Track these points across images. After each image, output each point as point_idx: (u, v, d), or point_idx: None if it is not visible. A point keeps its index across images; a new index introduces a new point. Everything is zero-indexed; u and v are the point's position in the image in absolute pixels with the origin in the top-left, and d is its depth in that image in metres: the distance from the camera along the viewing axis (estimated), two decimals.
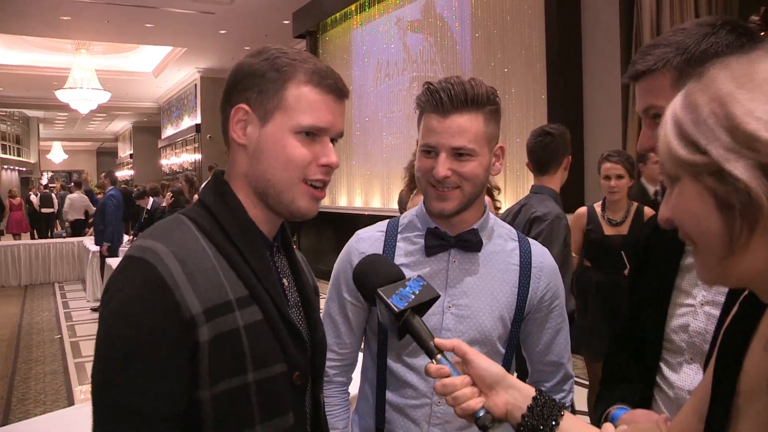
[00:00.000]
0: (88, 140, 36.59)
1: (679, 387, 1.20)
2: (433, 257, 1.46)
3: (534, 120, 6.54)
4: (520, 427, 0.96)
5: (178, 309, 0.95)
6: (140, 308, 0.94)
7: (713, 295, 1.16)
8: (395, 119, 9.41)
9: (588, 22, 6.07)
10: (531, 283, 1.47)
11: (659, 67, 1.12)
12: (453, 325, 1.44)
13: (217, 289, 0.99)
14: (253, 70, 1.07)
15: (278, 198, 1.08)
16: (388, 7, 9.50)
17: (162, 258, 0.97)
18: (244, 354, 0.99)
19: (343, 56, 10.76)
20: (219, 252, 1.03)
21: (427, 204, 1.44)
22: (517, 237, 1.54)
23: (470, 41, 7.73)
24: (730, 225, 0.66)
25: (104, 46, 16.26)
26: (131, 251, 1.00)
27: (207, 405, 0.98)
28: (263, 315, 1.03)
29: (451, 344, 1.02)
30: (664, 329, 1.23)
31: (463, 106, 1.35)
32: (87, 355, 6.45)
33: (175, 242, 1.00)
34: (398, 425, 1.47)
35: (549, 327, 1.52)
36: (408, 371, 1.46)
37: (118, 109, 24.25)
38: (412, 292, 1.07)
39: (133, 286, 0.96)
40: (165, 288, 0.95)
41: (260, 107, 1.07)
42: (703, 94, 0.68)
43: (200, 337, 0.96)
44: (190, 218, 1.06)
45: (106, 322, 0.97)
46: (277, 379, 1.04)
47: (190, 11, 12.23)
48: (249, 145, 1.08)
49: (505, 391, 0.98)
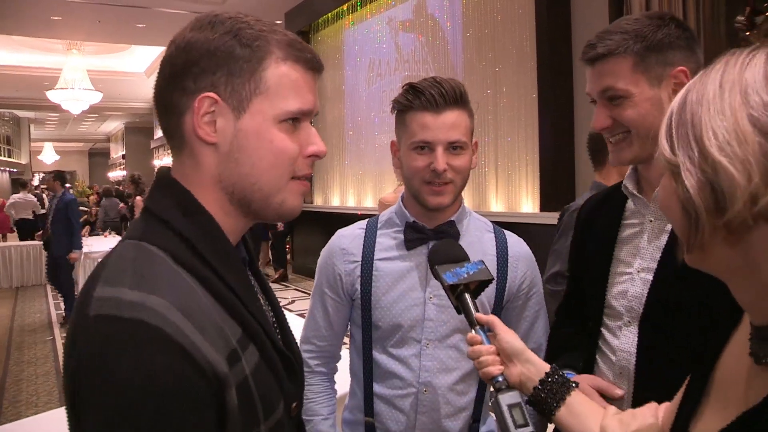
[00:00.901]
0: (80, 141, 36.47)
1: (620, 349, 1.28)
2: (413, 251, 1.51)
3: (524, 119, 6.57)
4: (531, 398, 1.06)
5: (204, 373, 0.75)
6: (161, 386, 0.72)
7: (648, 262, 1.26)
8: (387, 119, 9.40)
9: (578, 22, 6.10)
10: (509, 272, 1.52)
11: (621, 51, 1.22)
12: (435, 315, 1.48)
13: (223, 337, 0.81)
14: (215, 48, 0.86)
15: (266, 202, 0.91)
16: (379, 7, 9.52)
17: (165, 315, 0.75)
18: (255, 405, 0.84)
19: (335, 56, 10.77)
20: (203, 287, 0.83)
21: (422, 200, 1.47)
22: (493, 228, 1.59)
23: (461, 41, 7.75)
24: (688, 226, 0.68)
25: (96, 47, 16.21)
26: (111, 310, 0.75)
27: None
28: (260, 353, 0.87)
29: (487, 319, 1.14)
30: (605, 297, 1.32)
31: (453, 102, 1.42)
32: None
33: (168, 289, 0.78)
34: (386, 416, 1.51)
35: (527, 315, 1.57)
36: (393, 361, 1.50)
37: (110, 109, 24.19)
38: (467, 272, 1.20)
39: (141, 361, 0.72)
40: (183, 353, 0.74)
41: (233, 95, 0.87)
42: (694, 93, 0.69)
43: (229, 401, 0.78)
44: (161, 248, 0.83)
45: (106, 414, 0.72)
46: (281, 421, 0.90)
47: (183, 11, 12.21)
48: (221, 143, 0.88)
49: (522, 364, 1.09)
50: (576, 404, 1.03)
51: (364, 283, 1.50)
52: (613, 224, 1.36)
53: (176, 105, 0.88)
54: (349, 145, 10.31)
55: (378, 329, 1.50)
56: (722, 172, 0.62)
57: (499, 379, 1.07)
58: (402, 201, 1.55)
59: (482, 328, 1.14)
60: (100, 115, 26.47)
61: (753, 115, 0.62)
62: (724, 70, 0.67)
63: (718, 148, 0.63)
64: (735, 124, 0.63)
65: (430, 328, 1.48)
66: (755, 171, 0.61)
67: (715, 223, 0.64)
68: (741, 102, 0.63)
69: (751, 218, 0.62)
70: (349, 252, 1.54)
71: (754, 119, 0.62)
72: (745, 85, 0.64)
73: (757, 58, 0.66)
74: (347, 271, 1.54)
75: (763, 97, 0.62)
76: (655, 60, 1.22)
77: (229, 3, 11.71)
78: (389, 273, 1.50)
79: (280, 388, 0.91)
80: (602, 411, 1.02)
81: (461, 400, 1.51)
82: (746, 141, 0.62)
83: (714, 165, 0.63)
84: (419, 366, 1.48)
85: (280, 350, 0.93)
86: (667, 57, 1.22)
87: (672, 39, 1.22)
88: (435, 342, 1.48)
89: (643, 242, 1.29)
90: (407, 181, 1.48)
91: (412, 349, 1.48)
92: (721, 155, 0.63)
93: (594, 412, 1.02)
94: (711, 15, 4.87)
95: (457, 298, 1.19)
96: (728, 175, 0.62)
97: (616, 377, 1.29)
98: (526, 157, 6.63)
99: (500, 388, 1.06)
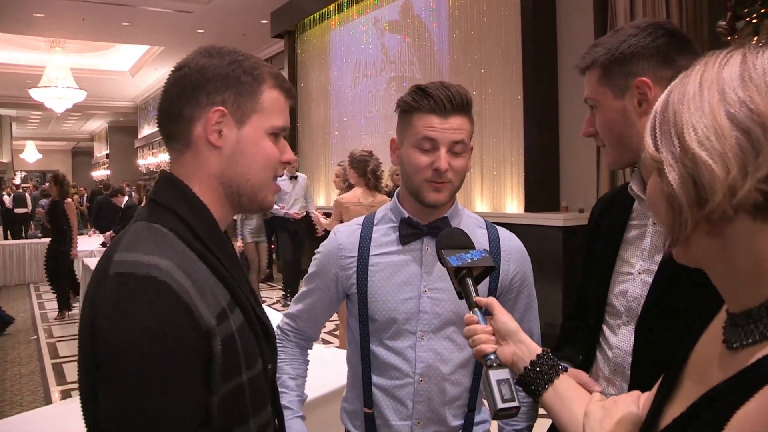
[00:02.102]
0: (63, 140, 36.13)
1: (617, 347, 1.32)
2: (407, 246, 1.56)
3: (510, 120, 6.62)
4: (521, 377, 1.11)
5: (199, 325, 0.94)
6: (168, 331, 0.91)
7: (649, 264, 1.29)
8: (373, 119, 9.45)
9: (563, 25, 6.16)
10: (501, 266, 1.57)
11: (593, 63, 1.28)
12: (430, 307, 1.54)
13: (216, 298, 1.01)
14: (226, 73, 1.09)
15: (254, 196, 1.13)
16: (366, 8, 9.54)
17: (171, 274, 0.94)
18: (239, 356, 1.02)
19: (321, 56, 10.77)
20: (200, 259, 1.03)
21: (421, 197, 1.52)
22: (485, 224, 1.65)
23: (447, 42, 7.79)
24: (673, 220, 0.71)
25: (80, 45, 16.09)
26: (125, 268, 0.94)
27: (215, 408, 0.99)
28: (244, 316, 1.07)
29: (486, 301, 1.19)
30: (607, 295, 1.36)
31: (460, 108, 1.49)
32: (64, 356, 6.41)
33: (174, 255, 0.98)
34: (385, 406, 1.56)
35: (519, 307, 1.62)
36: (390, 354, 1.55)
37: (94, 108, 24.01)
38: (471, 258, 1.26)
39: (150, 310, 0.91)
40: (185, 306, 0.93)
41: (237, 110, 1.09)
42: (676, 93, 0.73)
43: (215, 348, 0.97)
44: (168, 227, 1.03)
45: (123, 354, 0.90)
46: (260, 375, 1.09)
47: (168, 10, 12.16)
48: (225, 147, 1.10)
49: (515, 344, 1.14)
50: (563, 388, 1.07)
51: (360, 277, 1.56)
52: (619, 224, 1.39)
53: (187, 114, 1.09)
54: (334, 146, 10.31)
55: (375, 322, 1.55)
56: (702, 166, 0.66)
57: (491, 356, 1.12)
58: (397, 198, 1.61)
59: (480, 311, 1.19)
60: (83, 114, 26.23)
61: (730, 111, 0.66)
62: (703, 70, 0.71)
63: (698, 142, 0.67)
64: (713, 120, 0.66)
65: (425, 320, 1.53)
66: (733, 164, 0.65)
67: (698, 216, 0.68)
68: (719, 99, 0.67)
69: (731, 209, 0.66)
70: (345, 248, 1.60)
71: (731, 115, 0.66)
72: (723, 84, 0.68)
73: (733, 58, 0.69)
74: (343, 266, 1.59)
75: (740, 94, 0.66)
76: (618, 71, 1.25)
77: (214, 3, 11.68)
78: (385, 267, 1.55)
79: (259, 348, 1.10)
80: (588, 396, 1.05)
81: (456, 389, 1.56)
82: (724, 135, 0.65)
83: (694, 159, 0.67)
84: (415, 357, 1.53)
85: (259, 316, 1.13)
86: (630, 68, 1.24)
87: (637, 49, 1.23)
88: (430, 334, 1.53)
89: (645, 244, 1.32)
90: (407, 178, 1.54)
91: (407, 341, 1.54)
92: (700, 149, 0.66)
93: (580, 397, 1.05)
94: (694, 19, 4.95)
95: (460, 282, 1.24)
96: (708, 168, 0.66)
97: (612, 373, 1.33)
98: (511, 158, 6.68)
99: (491, 365, 1.11)
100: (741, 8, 3.70)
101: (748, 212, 0.66)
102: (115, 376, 0.91)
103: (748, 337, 0.70)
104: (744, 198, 0.65)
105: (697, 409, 0.71)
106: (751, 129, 0.64)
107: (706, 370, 0.77)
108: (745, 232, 0.68)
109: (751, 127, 0.64)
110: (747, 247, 0.68)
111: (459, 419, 1.58)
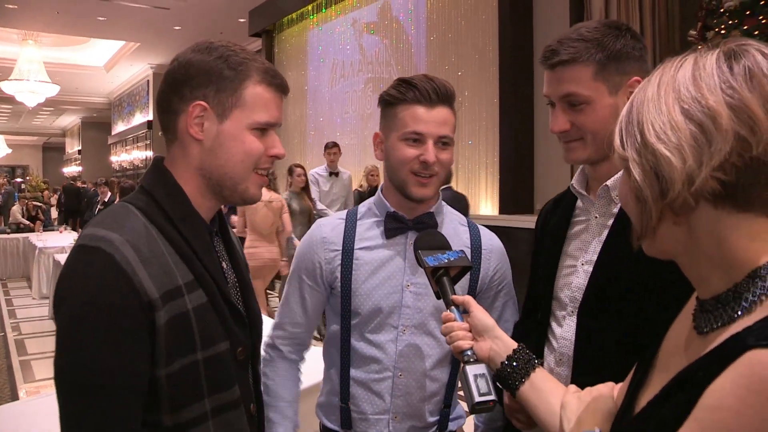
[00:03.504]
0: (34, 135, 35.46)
1: (562, 337, 1.36)
2: (392, 239, 1.56)
3: (486, 123, 6.68)
4: (498, 372, 1.14)
5: (138, 294, 1.00)
6: (103, 296, 0.99)
7: (591, 255, 1.34)
8: (350, 120, 9.46)
9: (540, 30, 6.24)
10: (482, 264, 1.59)
11: (583, 59, 1.27)
12: (412, 302, 1.54)
13: (169, 275, 1.06)
14: (209, 68, 1.12)
15: (234, 188, 1.16)
16: (344, 9, 9.56)
17: (118, 246, 1.01)
18: (193, 335, 1.07)
19: (299, 56, 10.76)
20: (165, 238, 1.09)
21: (407, 190, 1.51)
22: (467, 222, 1.66)
23: (425, 44, 7.84)
24: (640, 213, 0.77)
25: (53, 38, 15.84)
26: (84, 240, 1.04)
27: (163, 382, 1.04)
28: (207, 297, 1.11)
29: (462, 299, 1.23)
30: (553, 289, 1.40)
31: (445, 99, 1.50)
32: (33, 352, 6.31)
33: (128, 230, 1.05)
34: (363, 399, 1.56)
35: (497, 305, 1.64)
36: (370, 347, 1.55)
37: (67, 103, 23.61)
38: (448, 258, 1.29)
39: (93, 274, 1.00)
40: (125, 275, 1.00)
41: (218, 105, 1.12)
42: (638, 96, 0.79)
43: (158, 320, 1.02)
44: (136, 206, 1.11)
45: (67, 310, 1.01)
46: (222, 356, 1.13)
47: (145, 6, 12.04)
48: (206, 140, 1.13)
49: (491, 340, 1.17)
50: (539, 381, 1.10)
51: (345, 271, 1.55)
52: (564, 222, 1.44)
53: (174, 107, 1.14)
54: (310, 145, 10.31)
55: (357, 316, 1.55)
56: (661, 158, 0.73)
57: (468, 352, 1.15)
58: (381, 192, 1.60)
59: (457, 309, 1.22)
60: (56, 109, 25.81)
61: (684, 107, 0.73)
62: (661, 74, 0.78)
63: (656, 137, 0.74)
64: (669, 116, 0.74)
65: (407, 315, 1.54)
66: (689, 154, 0.71)
67: (662, 206, 0.74)
68: (674, 98, 0.74)
69: (691, 198, 0.72)
70: (330, 241, 1.58)
71: (685, 111, 0.73)
72: (678, 84, 0.75)
73: (687, 61, 0.77)
74: (327, 259, 1.57)
75: (692, 91, 0.73)
76: (615, 69, 1.28)
77: (191, 0, 11.60)
78: (369, 261, 1.55)
79: (226, 331, 1.14)
80: (563, 388, 1.09)
81: (434, 385, 1.57)
82: (679, 129, 0.72)
83: (654, 152, 0.74)
84: (395, 351, 1.53)
85: (230, 303, 1.16)
86: (625, 67, 1.28)
87: (629, 49, 1.28)
88: (411, 328, 1.54)
89: (588, 237, 1.37)
90: (393, 171, 1.53)
91: (389, 334, 1.54)
92: (659, 144, 0.73)
93: (555, 389, 1.09)
94: (666, 27, 5.06)
95: (437, 282, 1.27)
96: (666, 160, 0.73)
97: (556, 363, 1.37)
98: (486, 161, 6.75)
99: (468, 360, 1.14)
100: (711, 19, 3.80)
101: (708, 200, 0.72)
102: (59, 332, 1.01)
103: (717, 321, 0.75)
104: (701, 186, 0.71)
105: (669, 390, 0.75)
106: (703, 122, 0.71)
107: (677, 355, 0.82)
108: (708, 219, 0.74)
109: (704, 120, 0.71)
110: (711, 234, 0.74)
111: (435, 415, 1.59)
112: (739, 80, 0.71)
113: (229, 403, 1.14)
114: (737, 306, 0.72)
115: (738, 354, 0.65)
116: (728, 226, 0.73)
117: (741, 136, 0.69)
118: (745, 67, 0.72)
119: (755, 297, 0.71)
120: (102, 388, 0.98)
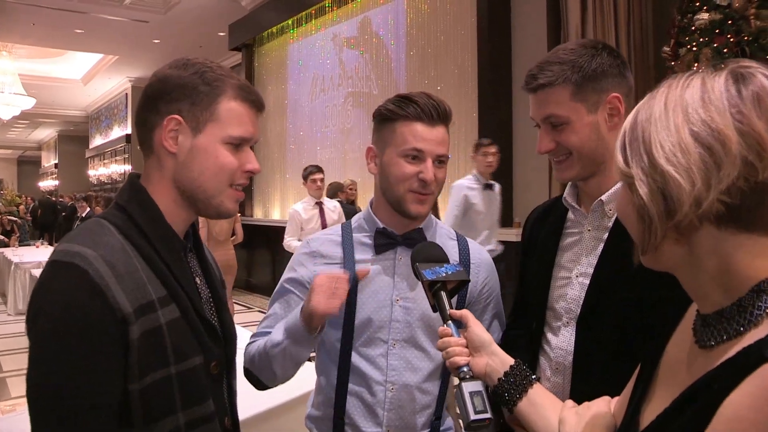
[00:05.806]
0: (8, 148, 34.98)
1: (558, 347, 1.39)
2: (381, 255, 1.57)
3: (465, 137, 6.72)
4: (495, 389, 1.13)
5: (112, 309, 1.01)
6: (76, 312, 0.99)
7: (585, 268, 1.37)
8: (330, 134, 9.48)
9: (518, 45, 6.32)
10: (471, 277, 1.58)
11: (560, 81, 1.32)
12: (402, 316, 1.55)
13: (142, 290, 1.06)
14: (185, 83, 1.14)
15: (208, 201, 1.18)
16: (324, 23, 9.59)
17: (92, 262, 1.02)
18: (166, 349, 1.08)
19: (278, 70, 10.77)
20: (139, 254, 1.10)
21: (404, 207, 1.52)
22: (456, 236, 1.67)
23: (405, 59, 7.89)
24: (643, 230, 0.78)
25: (29, 50, 15.68)
26: (58, 256, 1.04)
27: (136, 396, 1.05)
28: (180, 313, 1.12)
29: (460, 314, 1.23)
30: (547, 300, 1.43)
31: (444, 118, 1.52)
32: (8, 369, 6.19)
33: (102, 246, 1.05)
34: (357, 413, 1.56)
35: (486, 318, 1.65)
36: (363, 361, 1.55)
37: (43, 116, 23.38)
38: (445, 272, 1.29)
39: (66, 291, 1.00)
40: (98, 291, 1.00)
41: (193, 118, 1.14)
42: (643, 113, 0.79)
43: (131, 334, 1.03)
44: (111, 222, 1.12)
45: (41, 326, 1.01)
46: (195, 370, 1.14)
47: (123, 19, 11.99)
48: (180, 153, 1.15)
49: (488, 356, 1.17)
50: (536, 396, 1.11)
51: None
52: (555, 234, 1.47)
53: (150, 121, 1.16)
54: (290, 160, 10.29)
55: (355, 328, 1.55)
56: (670, 180, 0.73)
57: (464, 368, 1.15)
58: (371, 207, 1.61)
59: (454, 323, 1.22)
60: (31, 122, 25.50)
61: (693, 129, 0.73)
62: (667, 92, 0.78)
63: (666, 159, 0.74)
64: (679, 138, 0.73)
65: (396, 329, 1.54)
66: (697, 177, 0.71)
67: (667, 226, 0.75)
68: (683, 119, 0.74)
69: (697, 220, 0.73)
70: (324, 255, 1.59)
71: (695, 133, 0.73)
72: (686, 105, 0.75)
73: (694, 81, 0.77)
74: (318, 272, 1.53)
75: (701, 114, 0.73)
76: (591, 88, 1.32)
77: (171, 13, 11.58)
78: None
79: (199, 345, 1.15)
80: (560, 404, 1.10)
81: (426, 398, 1.57)
82: (689, 152, 0.72)
83: (663, 174, 0.74)
84: (386, 365, 1.54)
85: (204, 318, 1.17)
86: (602, 84, 1.32)
87: (605, 68, 1.32)
88: (401, 342, 1.54)
89: (580, 250, 1.40)
90: (389, 186, 1.53)
91: (379, 348, 1.54)
92: (668, 165, 0.73)
93: (553, 405, 1.10)
94: (641, 45, 5.15)
95: (434, 295, 1.27)
96: (675, 182, 0.73)
97: (553, 373, 1.40)
98: (465, 174, 6.78)
99: (464, 377, 1.13)
100: (683, 36, 3.89)
101: (712, 222, 0.73)
102: (33, 348, 1.02)
103: (722, 334, 0.75)
104: (708, 208, 0.72)
105: (681, 403, 0.75)
106: (712, 145, 0.71)
107: (680, 369, 0.83)
108: (710, 240, 0.75)
109: (713, 143, 0.71)
110: (713, 253, 0.75)
111: (427, 427, 1.60)
112: (748, 106, 0.72)
113: (203, 417, 1.15)
114: (743, 320, 0.73)
115: (754, 366, 0.66)
116: (731, 246, 0.74)
117: (748, 161, 0.70)
118: (753, 92, 0.72)
119: (761, 311, 0.72)
120: (75, 406, 0.98)
